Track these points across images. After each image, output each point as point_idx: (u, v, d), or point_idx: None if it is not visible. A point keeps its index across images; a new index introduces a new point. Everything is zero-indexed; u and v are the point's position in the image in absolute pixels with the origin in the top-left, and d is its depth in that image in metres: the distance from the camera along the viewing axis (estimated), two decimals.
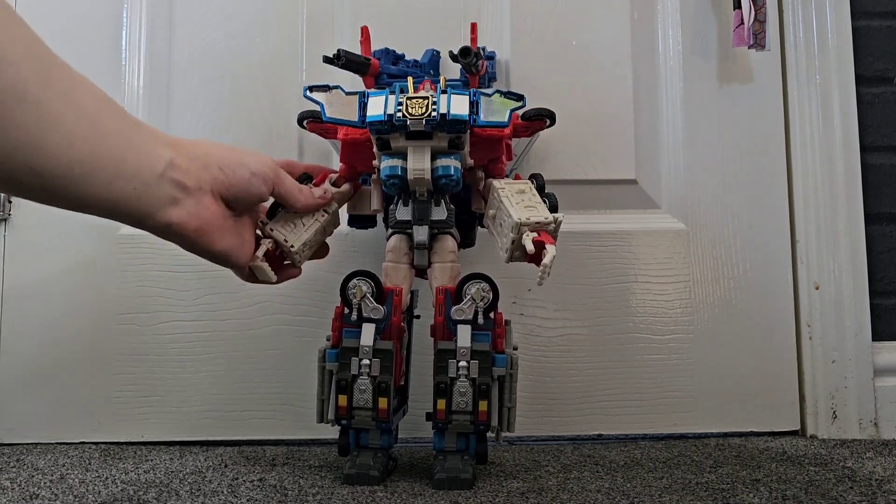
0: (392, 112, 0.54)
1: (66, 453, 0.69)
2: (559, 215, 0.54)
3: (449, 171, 0.55)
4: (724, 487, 0.55)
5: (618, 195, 0.79)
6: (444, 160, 0.56)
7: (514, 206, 0.54)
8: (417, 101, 0.54)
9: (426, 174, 0.55)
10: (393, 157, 0.56)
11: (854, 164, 0.79)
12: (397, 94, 0.55)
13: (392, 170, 0.56)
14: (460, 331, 0.56)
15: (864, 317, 0.78)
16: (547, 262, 0.50)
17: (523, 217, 0.53)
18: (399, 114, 0.54)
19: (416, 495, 0.53)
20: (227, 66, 0.79)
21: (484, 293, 0.57)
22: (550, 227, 0.53)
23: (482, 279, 0.57)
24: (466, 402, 0.55)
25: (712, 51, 0.81)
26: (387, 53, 0.68)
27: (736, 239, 0.79)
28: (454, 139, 0.55)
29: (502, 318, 0.58)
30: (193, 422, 0.75)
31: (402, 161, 0.56)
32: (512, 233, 0.53)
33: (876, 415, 0.76)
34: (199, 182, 0.46)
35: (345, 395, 0.56)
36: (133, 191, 0.42)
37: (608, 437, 0.76)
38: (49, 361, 0.75)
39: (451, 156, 0.56)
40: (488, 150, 0.60)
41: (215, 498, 0.53)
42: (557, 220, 0.54)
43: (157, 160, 0.43)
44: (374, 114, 0.55)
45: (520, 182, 0.58)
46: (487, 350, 0.56)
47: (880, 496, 0.53)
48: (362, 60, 0.62)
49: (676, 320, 0.78)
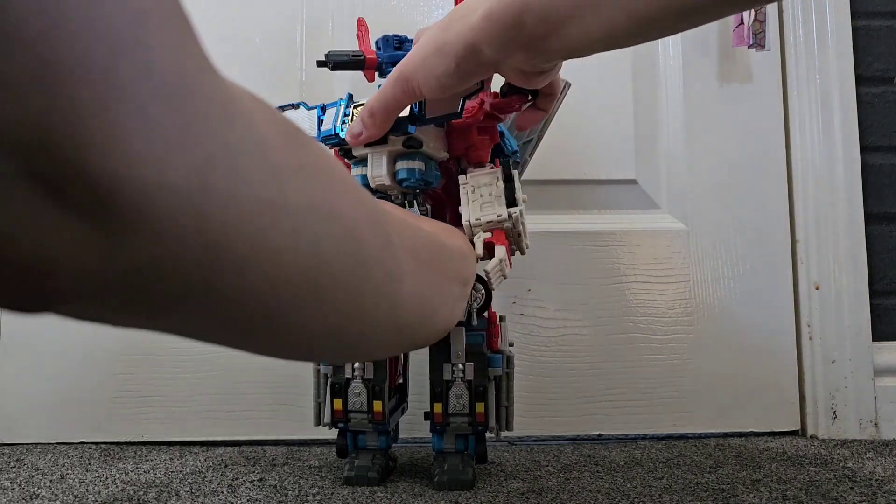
0: (339, 125, 0.53)
1: (66, 453, 0.69)
2: (514, 209, 0.52)
3: (407, 174, 0.54)
4: (724, 487, 0.55)
5: (618, 195, 0.79)
6: (403, 163, 0.54)
7: (469, 205, 0.53)
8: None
9: (386, 179, 0.54)
10: (359, 164, 0.55)
11: (854, 164, 0.79)
12: (346, 104, 0.54)
13: (360, 178, 0.55)
14: (453, 332, 0.56)
15: (864, 317, 0.78)
16: (489, 269, 0.48)
17: (473, 217, 0.51)
18: (344, 127, 0.53)
19: (416, 496, 0.53)
20: (227, 66, 0.79)
21: (476, 293, 0.56)
22: (506, 224, 0.51)
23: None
24: (463, 405, 0.55)
25: (712, 51, 0.81)
26: (387, 41, 0.64)
27: (736, 239, 0.79)
28: (406, 140, 0.53)
29: (496, 317, 0.58)
30: (193, 422, 0.75)
31: (363, 168, 0.55)
32: (465, 234, 0.52)
33: (876, 415, 0.76)
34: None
35: (339, 398, 0.56)
36: (445, 324, 0.42)
37: (608, 437, 0.76)
38: (49, 361, 0.75)
39: (410, 157, 0.54)
40: (461, 139, 0.58)
41: (215, 498, 0.53)
42: (512, 216, 0.51)
43: (465, 283, 0.44)
44: (325, 128, 0.54)
45: (486, 173, 0.55)
46: (482, 351, 0.56)
47: (880, 496, 0.53)
48: (351, 59, 0.60)
49: (676, 320, 0.78)
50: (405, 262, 0.32)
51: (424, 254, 0.36)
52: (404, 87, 0.45)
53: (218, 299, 0.20)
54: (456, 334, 0.56)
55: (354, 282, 0.26)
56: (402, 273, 0.31)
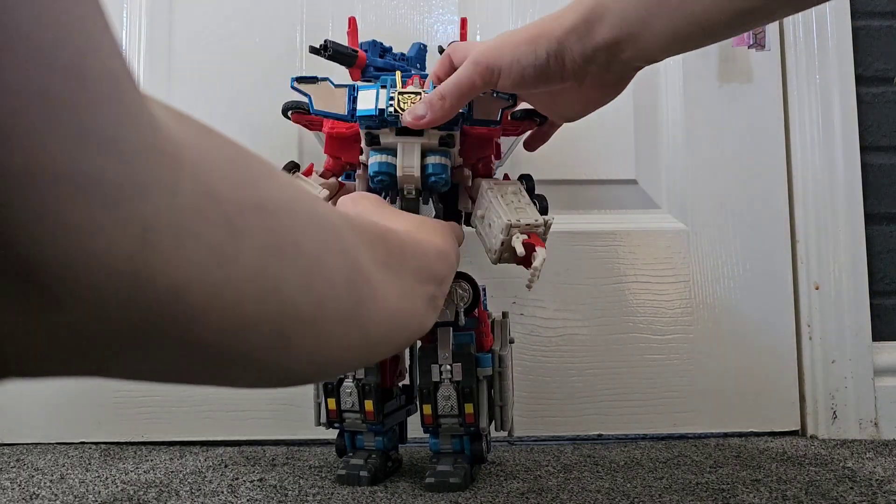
0: (384, 107, 0.52)
1: (66, 453, 0.69)
2: (549, 217, 0.53)
3: (438, 170, 0.54)
4: (724, 487, 0.55)
5: (618, 195, 0.79)
6: (435, 158, 0.54)
7: (503, 207, 0.53)
8: (409, 97, 0.52)
9: (416, 171, 0.53)
10: (382, 152, 0.54)
11: (854, 164, 0.79)
12: (389, 87, 0.53)
13: (381, 166, 0.54)
14: (440, 333, 0.55)
15: (864, 317, 0.77)
16: (537, 266, 0.49)
17: (513, 219, 0.52)
18: (391, 108, 0.52)
19: (416, 496, 0.53)
20: (227, 65, 0.79)
21: (462, 292, 0.55)
22: (540, 229, 0.52)
23: (461, 278, 0.56)
24: (452, 406, 0.55)
25: (712, 51, 0.81)
26: (374, 46, 0.65)
27: (736, 239, 0.79)
28: (445, 137, 0.53)
29: (486, 316, 0.57)
30: (193, 422, 0.75)
31: (391, 157, 0.54)
32: (502, 234, 0.52)
33: (876, 415, 0.76)
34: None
35: (332, 397, 0.56)
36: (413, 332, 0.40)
37: (608, 437, 0.76)
38: None
39: (442, 154, 0.54)
40: (478, 149, 0.58)
41: (215, 498, 0.53)
42: (547, 223, 0.52)
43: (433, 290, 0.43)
44: (364, 108, 0.53)
45: (509, 183, 0.57)
46: (470, 352, 0.55)
47: (880, 496, 0.53)
48: (349, 52, 0.60)
49: (676, 320, 0.78)
50: (375, 279, 0.31)
51: (395, 261, 0.36)
52: (484, 74, 0.46)
53: (173, 349, 0.19)
54: (443, 335, 0.55)
55: (320, 316, 0.25)
56: (374, 291, 0.31)
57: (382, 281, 0.32)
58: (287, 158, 0.70)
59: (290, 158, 0.73)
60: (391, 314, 0.33)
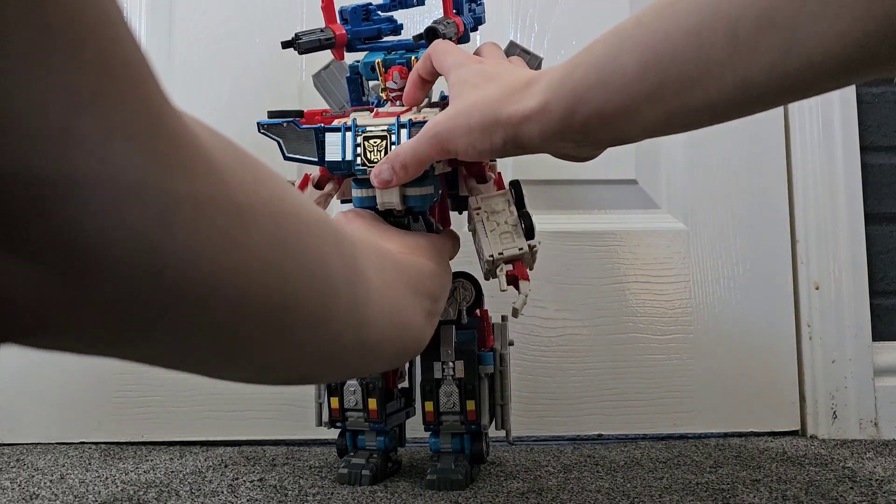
0: (350, 157, 0.51)
1: (66, 453, 0.69)
2: (535, 242, 0.51)
3: (419, 202, 0.51)
4: (724, 487, 0.55)
5: (618, 195, 0.79)
6: (415, 189, 0.51)
7: (487, 235, 0.51)
8: (375, 143, 0.50)
9: (397, 205, 0.51)
10: (362, 186, 0.52)
11: (854, 164, 0.79)
12: (354, 131, 0.51)
13: (362, 201, 0.52)
14: (443, 331, 0.55)
15: (864, 317, 0.77)
16: (518, 307, 0.48)
17: (496, 252, 0.50)
18: (358, 159, 0.50)
19: (416, 495, 0.53)
20: (227, 66, 0.79)
21: (465, 291, 0.56)
22: (526, 256, 0.51)
23: (463, 277, 0.56)
24: (454, 403, 0.55)
25: None
26: (355, 13, 0.60)
27: (736, 239, 0.79)
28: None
29: (488, 315, 0.58)
30: (193, 422, 0.75)
31: (371, 191, 0.51)
32: (485, 266, 0.51)
33: (876, 415, 0.76)
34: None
35: (336, 397, 0.56)
36: (411, 340, 0.40)
37: (608, 437, 0.76)
38: (49, 361, 0.75)
39: (422, 184, 0.51)
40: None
41: (215, 498, 0.53)
42: (533, 249, 0.51)
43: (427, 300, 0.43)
44: (331, 157, 0.52)
45: (498, 195, 0.53)
46: (472, 349, 0.56)
47: (880, 496, 0.53)
48: (322, 41, 0.57)
49: (676, 320, 0.78)
50: (372, 283, 0.32)
51: (391, 274, 0.37)
52: (440, 152, 0.46)
53: (179, 333, 0.20)
54: (446, 333, 0.55)
55: (321, 312, 0.26)
56: (369, 295, 0.31)
57: (379, 287, 0.33)
58: None
59: None
60: (389, 321, 0.34)
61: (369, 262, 0.33)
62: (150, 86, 0.17)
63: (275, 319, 0.24)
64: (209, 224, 0.19)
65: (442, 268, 0.47)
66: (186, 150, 0.19)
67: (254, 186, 0.22)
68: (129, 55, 0.17)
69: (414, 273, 0.41)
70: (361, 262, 0.31)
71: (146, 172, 0.17)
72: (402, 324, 0.37)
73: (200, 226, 0.19)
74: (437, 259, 0.47)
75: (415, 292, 0.40)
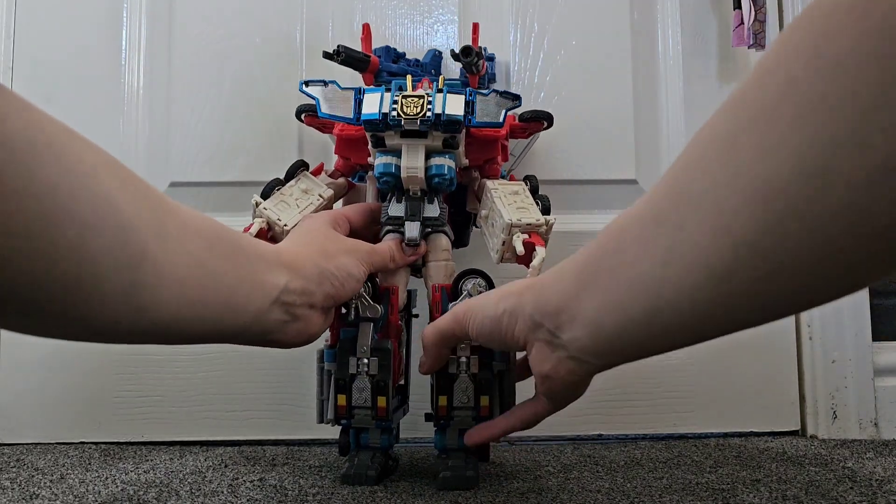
0: (387, 110, 0.54)
1: (66, 453, 0.69)
2: (551, 217, 0.54)
3: (442, 171, 0.55)
4: (724, 487, 0.55)
5: (618, 195, 0.79)
6: (438, 159, 0.55)
7: (505, 207, 0.55)
8: (413, 100, 0.54)
9: (419, 172, 0.55)
10: (387, 154, 0.56)
11: None
12: (394, 91, 0.55)
13: (386, 167, 0.56)
14: None
15: (864, 317, 0.78)
16: (536, 265, 0.51)
17: (514, 218, 0.53)
18: (394, 112, 0.54)
19: (416, 495, 0.53)
20: (227, 66, 0.79)
21: (480, 288, 0.57)
22: (542, 228, 0.53)
23: (477, 274, 0.57)
24: (469, 398, 0.55)
25: (712, 51, 0.81)
26: (387, 52, 0.68)
27: None
28: (448, 139, 0.55)
29: None
30: (193, 422, 0.75)
31: (395, 159, 0.56)
32: (503, 233, 0.53)
33: (876, 415, 0.76)
34: (311, 301, 0.47)
35: (343, 394, 0.56)
36: (242, 323, 0.42)
37: (608, 437, 0.76)
38: (49, 361, 0.75)
39: (446, 155, 0.56)
40: (484, 151, 0.60)
41: (215, 498, 0.53)
42: (549, 223, 0.54)
43: (271, 288, 0.44)
44: (368, 111, 0.55)
45: (514, 183, 0.58)
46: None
47: (880, 496, 0.53)
48: (362, 57, 0.62)
49: None
50: (167, 268, 0.36)
51: (222, 252, 0.40)
52: (456, 326, 0.51)
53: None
54: None
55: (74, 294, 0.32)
56: (161, 280, 0.35)
57: (173, 260, 0.36)
58: (287, 157, 0.71)
59: (289, 158, 0.73)
60: (190, 303, 0.38)
61: (174, 247, 0.36)
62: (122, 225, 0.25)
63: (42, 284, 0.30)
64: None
65: (356, 270, 0.51)
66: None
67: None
68: (106, 205, 0.29)
69: (276, 264, 0.45)
70: (152, 248, 0.34)
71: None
72: (227, 305, 0.41)
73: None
74: (356, 263, 0.51)
75: (263, 279, 0.43)
